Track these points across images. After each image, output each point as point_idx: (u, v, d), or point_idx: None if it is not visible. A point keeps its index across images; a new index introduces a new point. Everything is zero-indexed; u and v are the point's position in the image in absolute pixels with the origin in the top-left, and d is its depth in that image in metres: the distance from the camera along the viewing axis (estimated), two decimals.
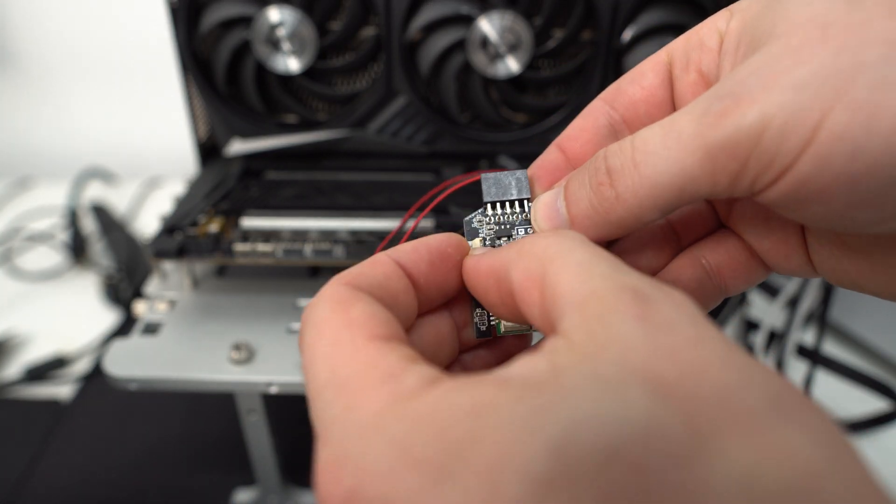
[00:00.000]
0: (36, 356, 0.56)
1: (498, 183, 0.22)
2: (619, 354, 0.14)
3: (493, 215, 0.22)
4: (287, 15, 0.43)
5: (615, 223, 0.19)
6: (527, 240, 0.18)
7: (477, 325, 0.21)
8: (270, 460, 0.42)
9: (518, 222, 0.22)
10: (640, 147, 0.18)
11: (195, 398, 0.52)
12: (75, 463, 0.48)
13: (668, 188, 0.18)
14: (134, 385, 0.36)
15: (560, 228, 0.20)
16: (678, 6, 0.43)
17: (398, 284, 0.19)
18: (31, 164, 0.87)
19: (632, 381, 0.13)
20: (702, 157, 0.17)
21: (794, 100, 0.16)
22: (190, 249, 0.39)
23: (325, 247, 0.39)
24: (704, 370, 0.13)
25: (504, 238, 0.22)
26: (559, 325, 0.16)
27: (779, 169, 0.16)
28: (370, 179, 0.47)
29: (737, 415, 0.13)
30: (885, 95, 0.15)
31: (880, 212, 0.16)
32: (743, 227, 0.22)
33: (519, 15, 0.42)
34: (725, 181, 0.17)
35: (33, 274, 0.67)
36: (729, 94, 0.17)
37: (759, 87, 0.16)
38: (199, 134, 0.50)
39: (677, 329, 0.14)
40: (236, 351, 0.37)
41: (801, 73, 0.16)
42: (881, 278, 0.19)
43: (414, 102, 0.46)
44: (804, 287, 0.47)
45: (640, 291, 0.15)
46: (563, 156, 0.23)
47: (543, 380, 0.14)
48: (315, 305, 0.17)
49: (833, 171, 0.15)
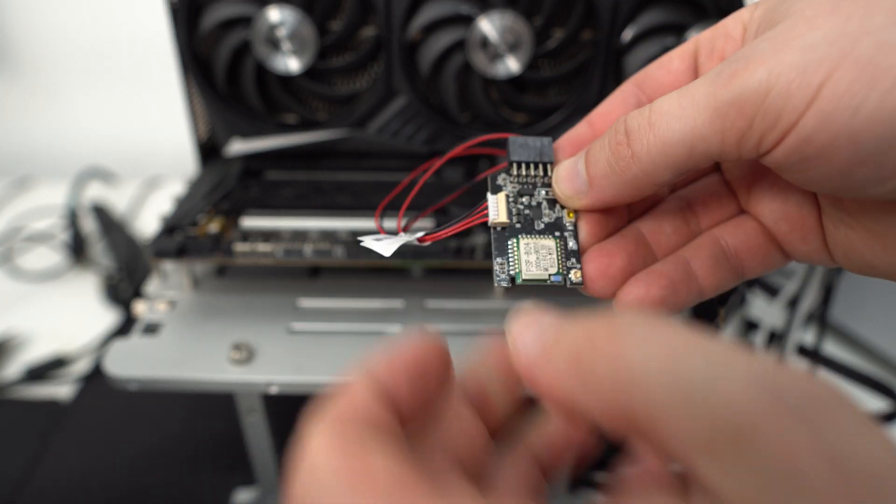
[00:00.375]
0: (36, 356, 0.56)
1: (525, 145, 0.24)
2: None
3: (517, 175, 0.24)
4: (287, 15, 0.43)
5: (630, 182, 0.20)
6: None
7: (497, 272, 0.22)
8: (270, 460, 0.42)
9: (540, 184, 0.23)
10: (657, 109, 0.19)
11: (195, 398, 0.51)
12: (75, 463, 0.48)
13: (680, 146, 0.19)
14: (134, 385, 0.36)
15: (579, 189, 0.22)
16: (678, 6, 0.43)
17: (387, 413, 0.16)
18: (30, 163, 0.86)
19: None
20: (711, 115, 0.18)
21: (802, 59, 0.16)
22: (190, 249, 0.39)
23: (325, 247, 0.39)
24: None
25: (526, 197, 0.23)
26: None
27: (784, 126, 0.17)
28: (370, 179, 0.47)
29: None
30: (886, 56, 0.16)
31: (881, 169, 0.17)
32: (761, 210, 0.23)
33: (519, 15, 0.42)
34: (734, 139, 0.18)
35: (33, 274, 0.67)
36: (741, 58, 0.18)
37: (770, 51, 0.17)
38: (199, 134, 0.50)
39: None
40: (236, 351, 0.37)
41: (812, 37, 0.17)
42: (893, 257, 0.20)
43: (414, 102, 0.46)
44: (804, 287, 0.47)
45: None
46: (591, 130, 0.24)
47: None
48: (314, 454, 0.14)
49: (835, 128, 0.16)
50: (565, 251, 0.23)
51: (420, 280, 0.44)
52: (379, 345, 0.17)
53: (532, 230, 0.23)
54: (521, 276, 0.22)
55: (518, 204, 0.23)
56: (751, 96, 0.17)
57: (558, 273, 0.22)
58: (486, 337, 0.20)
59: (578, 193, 0.22)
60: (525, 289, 0.22)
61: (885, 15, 0.16)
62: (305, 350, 0.38)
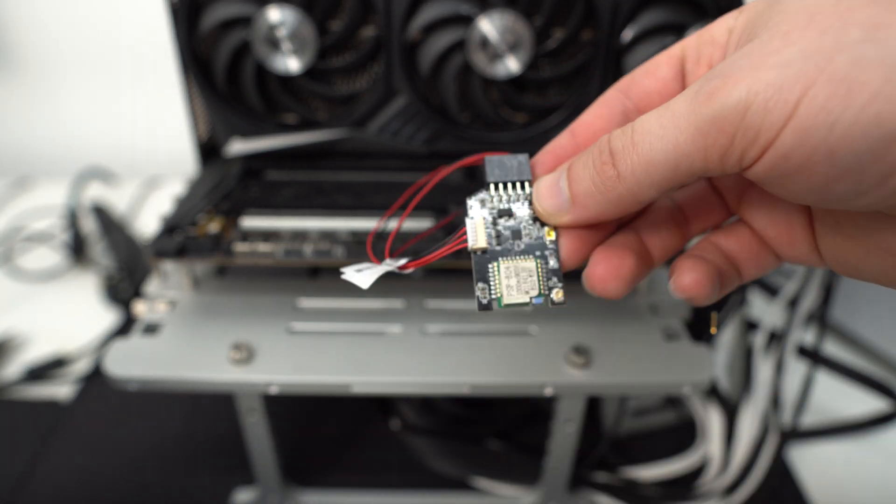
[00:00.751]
0: (36, 356, 0.56)
1: (501, 165, 0.24)
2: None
3: (495, 195, 0.23)
4: (287, 15, 0.43)
5: (614, 201, 0.20)
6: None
7: (479, 298, 0.23)
8: (270, 460, 0.42)
9: (521, 199, 0.23)
10: (639, 129, 0.19)
11: (195, 398, 0.52)
12: (75, 463, 0.48)
13: (663, 165, 0.19)
14: (134, 385, 0.36)
15: (561, 206, 0.22)
16: (678, 6, 0.43)
17: None
18: (30, 163, 0.87)
19: None
20: (693, 134, 0.18)
21: (779, 76, 0.17)
22: (190, 249, 0.39)
23: (325, 247, 0.39)
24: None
25: (505, 217, 0.23)
26: None
27: (763, 143, 0.17)
28: (370, 179, 0.47)
29: None
30: (862, 71, 0.16)
31: (858, 184, 0.17)
32: (751, 216, 0.23)
33: (519, 15, 0.42)
34: (716, 156, 0.18)
35: (33, 274, 0.67)
36: (719, 75, 0.18)
37: (747, 67, 0.17)
38: (199, 134, 0.50)
39: None
40: (236, 351, 0.37)
41: (787, 53, 0.17)
42: (877, 263, 0.20)
43: (414, 102, 0.46)
44: (804, 287, 0.47)
45: None
46: (573, 141, 0.24)
47: None
48: None
49: (812, 144, 0.16)
50: (546, 270, 0.23)
51: (420, 280, 0.44)
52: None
53: (512, 252, 0.23)
54: (501, 301, 0.22)
55: (497, 226, 0.23)
56: (730, 114, 0.17)
57: (540, 295, 0.22)
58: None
59: (560, 211, 0.22)
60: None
61: (861, 30, 0.16)
62: (305, 350, 0.38)
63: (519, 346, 0.38)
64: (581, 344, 0.38)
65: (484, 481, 0.46)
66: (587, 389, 0.37)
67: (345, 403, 0.52)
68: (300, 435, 0.50)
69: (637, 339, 0.39)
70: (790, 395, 0.48)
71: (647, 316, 0.41)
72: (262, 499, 0.45)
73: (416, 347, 0.38)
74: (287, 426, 0.49)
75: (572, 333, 0.39)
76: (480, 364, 0.37)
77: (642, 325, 0.40)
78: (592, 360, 0.37)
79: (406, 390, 0.37)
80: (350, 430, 0.51)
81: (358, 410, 0.52)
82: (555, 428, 0.40)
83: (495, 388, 0.37)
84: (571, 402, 0.39)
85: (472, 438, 0.49)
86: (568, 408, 0.39)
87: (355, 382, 0.36)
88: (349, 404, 0.52)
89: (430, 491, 0.46)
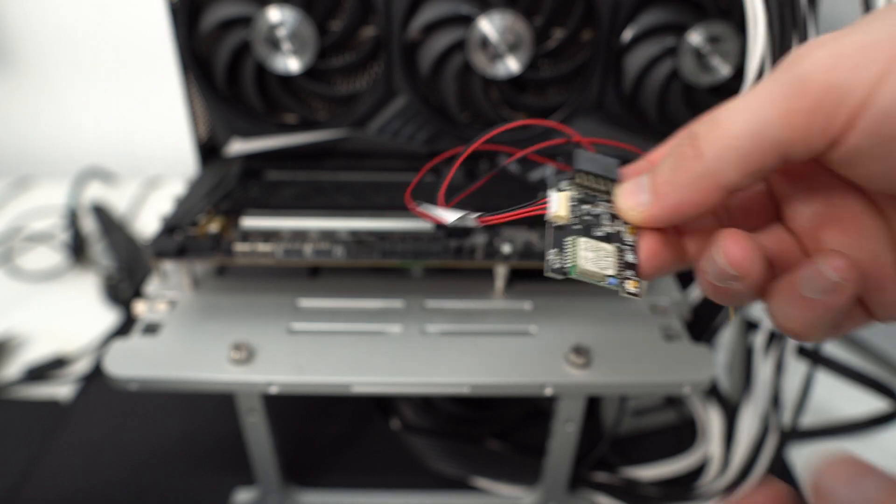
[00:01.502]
0: (36, 356, 0.56)
1: (592, 158, 0.24)
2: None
3: (579, 185, 0.23)
4: (287, 15, 0.43)
5: (694, 184, 0.20)
6: None
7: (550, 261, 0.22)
8: (270, 460, 0.42)
9: (601, 198, 0.23)
10: (723, 108, 0.19)
11: (195, 398, 0.51)
12: (75, 463, 0.48)
13: (745, 138, 0.18)
14: (134, 385, 0.36)
15: (640, 199, 0.22)
16: (678, 6, 0.43)
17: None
18: (31, 163, 0.87)
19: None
20: (774, 98, 0.18)
21: (866, 38, 0.17)
22: (190, 249, 0.39)
23: (325, 247, 0.39)
24: None
25: (587, 205, 0.23)
26: None
27: (853, 104, 0.17)
28: (370, 179, 0.47)
29: None
30: None
31: None
32: (797, 216, 0.23)
33: (519, 15, 0.42)
34: (800, 122, 0.17)
35: (33, 274, 0.67)
36: (801, 47, 0.18)
37: (829, 38, 0.17)
38: (199, 134, 0.50)
39: None
40: (236, 351, 0.37)
41: (874, 23, 0.17)
42: None
43: (414, 102, 0.46)
44: None
45: None
46: (650, 166, 0.24)
47: None
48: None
49: None
50: (622, 261, 0.22)
51: (420, 280, 0.44)
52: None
53: (590, 234, 0.22)
54: (576, 269, 0.22)
55: (579, 210, 0.23)
56: (813, 73, 0.17)
57: (615, 277, 0.22)
58: None
59: (641, 205, 0.22)
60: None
61: None
62: (305, 350, 0.38)
63: (519, 345, 0.38)
64: (581, 344, 0.38)
65: (484, 481, 0.46)
66: (587, 389, 0.37)
67: (345, 403, 0.52)
68: (300, 435, 0.50)
69: (637, 339, 0.39)
70: (790, 395, 0.48)
71: (647, 316, 0.41)
72: (262, 499, 0.45)
73: (415, 347, 0.38)
74: (287, 426, 0.49)
75: (572, 333, 0.39)
76: (480, 364, 0.37)
77: (642, 325, 0.40)
78: (592, 360, 0.37)
79: (406, 390, 0.37)
80: (350, 430, 0.51)
81: (358, 410, 0.52)
82: (555, 428, 0.40)
83: (495, 388, 0.37)
84: (571, 402, 0.39)
85: (471, 438, 0.49)
86: (568, 408, 0.39)
87: (355, 382, 0.36)
88: (349, 404, 0.52)
89: (430, 491, 0.46)
